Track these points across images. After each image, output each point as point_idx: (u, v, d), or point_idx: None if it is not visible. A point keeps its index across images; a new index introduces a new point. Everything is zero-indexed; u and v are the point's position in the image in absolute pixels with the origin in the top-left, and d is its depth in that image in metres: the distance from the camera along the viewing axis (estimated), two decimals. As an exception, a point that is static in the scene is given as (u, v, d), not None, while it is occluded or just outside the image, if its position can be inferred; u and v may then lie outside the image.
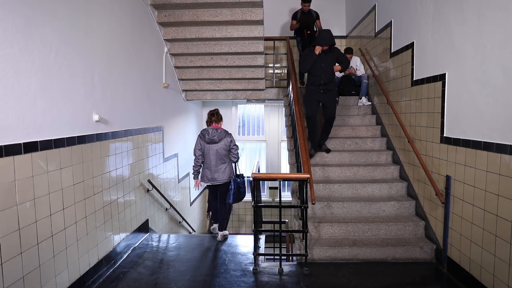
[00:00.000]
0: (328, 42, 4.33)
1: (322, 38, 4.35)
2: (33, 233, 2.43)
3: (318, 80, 4.47)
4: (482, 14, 2.74)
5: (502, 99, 2.53)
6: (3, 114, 2.17)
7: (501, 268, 2.56)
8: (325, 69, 4.43)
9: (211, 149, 4.09)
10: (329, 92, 4.51)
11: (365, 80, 5.71)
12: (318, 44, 4.35)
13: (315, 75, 4.48)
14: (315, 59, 4.42)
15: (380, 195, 4.22)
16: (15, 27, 2.25)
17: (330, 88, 4.51)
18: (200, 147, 4.14)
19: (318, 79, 4.46)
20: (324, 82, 4.46)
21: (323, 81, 4.45)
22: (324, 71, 4.44)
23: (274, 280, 3.19)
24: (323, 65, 4.42)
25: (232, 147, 4.17)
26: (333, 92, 4.57)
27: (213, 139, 4.06)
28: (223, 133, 4.11)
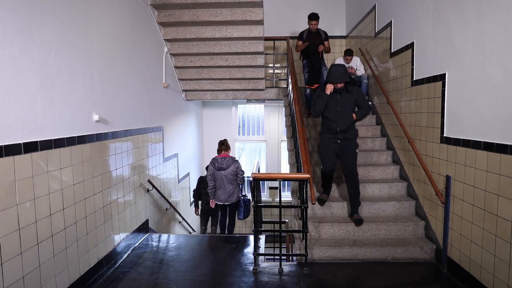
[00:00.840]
0: (340, 79, 3.59)
1: (332, 74, 3.60)
2: (33, 233, 2.43)
3: (333, 127, 3.67)
4: (482, 14, 2.74)
5: (502, 99, 2.53)
6: (3, 114, 2.17)
7: (501, 268, 2.56)
8: (341, 113, 3.64)
9: (221, 175, 4.80)
10: (348, 142, 3.68)
11: (365, 80, 5.71)
12: (329, 82, 3.64)
13: (330, 120, 3.69)
14: (326, 101, 3.66)
15: (380, 195, 4.22)
16: (15, 27, 2.25)
17: (348, 137, 3.66)
18: (212, 173, 4.84)
19: (334, 126, 3.66)
20: (341, 130, 3.64)
21: (340, 129, 3.64)
22: (340, 116, 3.64)
23: (274, 280, 3.19)
24: (339, 108, 3.65)
25: (238, 172, 4.88)
26: (353, 142, 3.71)
27: (221, 166, 4.78)
28: (231, 160, 4.83)
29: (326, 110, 3.70)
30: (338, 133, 3.66)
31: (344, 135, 3.66)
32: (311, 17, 5.35)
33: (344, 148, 3.69)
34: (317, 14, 5.40)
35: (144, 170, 4.42)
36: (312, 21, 5.36)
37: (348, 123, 3.64)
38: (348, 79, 3.64)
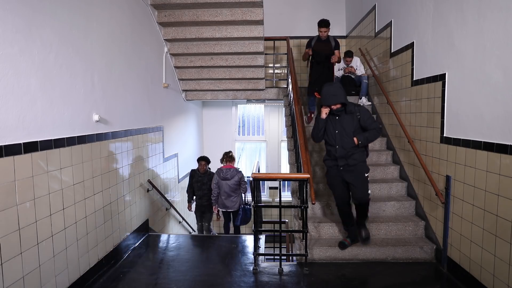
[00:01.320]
0: (333, 100, 3.17)
1: (323, 95, 3.23)
2: (33, 233, 2.43)
3: (332, 153, 3.36)
4: (482, 14, 2.74)
5: (502, 99, 2.53)
6: (3, 114, 2.17)
7: (501, 268, 2.56)
8: (340, 137, 3.27)
9: (225, 184, 5.13)
10: (352, 167, 3.30)
11: (365, 80, 5.71)
12: (323, 104, 3.26)
13: (330, 145, 3.38)
14: (323, 125, 3.33)
15: (380, 195, 4.22)
16: (15, 27, 2.25)
17: (351, 163, 3.28)
18: (216, 182, 5.18)
19: (333, 151, 3.34)
20: (340, 155, 3.28)
21: (338, 154, 3.29)
22: (338, 140, 3.28)
23: (274, 280, 3.19)
24: (337, 131, 3.29)
25: (241, 182, 5.22)
26: (358, 168, 3.30)
27: (226, 177, 5.13)
28: (234, 171, 5.17)
29: (326, 135, 3.39)
30: (338, 159, 3.32)
31: (345, 161, 3.29)
32: (321, 24, 4.98)
33: (349, 175, 3.33)
34: (327, 21, 5.00)
35: (144, 170, 4.42)
36: (322, 28, 4.97)
37: (348, 148, 3.26)
38: (344, 100, 3.18)
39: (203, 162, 5.38)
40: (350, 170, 3.31)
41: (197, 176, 5.42)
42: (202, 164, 5.38)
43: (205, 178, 5.40)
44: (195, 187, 5.45)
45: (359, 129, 3.29)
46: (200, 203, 5.45)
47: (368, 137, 3.26)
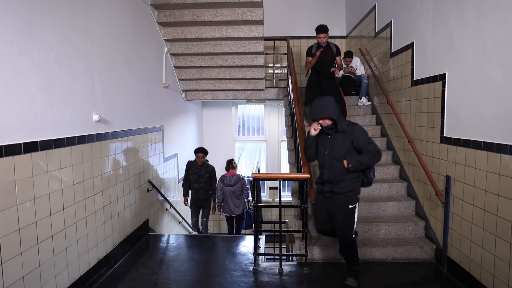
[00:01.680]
0: (318, 114, 2.80)
1: (312, 107, 2.91)
2: (33, 233, 2.43)
3: (321, 175, 2.98)
4: (482, 14, 2.74)
5: (502, 99, 2.53)
6: (3, 114, 2.17)
7: (501, 268, 2.56)
8: (328, 159, 2.87)
9: (228, 190, 5.52)
10: (337, 196, 2.85)
11: (365, 80, 5.71)
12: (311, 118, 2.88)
13: (320, 166, 3.00)
14: (312, 142, 2.95)
15: (380, 195, 4.22)
16: (15, 27, 2.25)
17: (336, 191, 2.84)
18: (221, 188, 5.52)
19: (321, 174, 2.97)
20: (328, 180, 2.87)
21: (325, 178, 2.89)
22: (327, 163, 2.88)
23: (274, 280, 3.19)
24: (327, 152, 2.90)
25: (244, 188, 5.61)
26: (345, 197, 2.83)
27: (229, 183, 5.49)
28: (237, 178, 5.56)
29: (317, 155, 3.01)
30: (324, 184, 2.92)
31: (331, 188, 2.86)
32: (319, 30, 4.70)
33: (332, 205, 2.91)
34: (325, 26, 4.74)
35: (144, 170, 4.42)
36: (321, 34, 4.71)
37: (337, 172, 2.82)
38: (332, 115, 2.77)
39: (200, 154, 5.15)
40: (334, 199, 2.88)
41: (194, 168, 5.21)
42: (200, 156, 5.14)
43: (203, 171, 5.20)
44: (191, 179, 5.25)
45: (353, 151, 2.83)
46: (197, 197, 5.27)
47: (361, 161, 2.76)
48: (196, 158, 5.19)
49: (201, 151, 5.19)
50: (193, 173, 5.21)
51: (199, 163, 5.17)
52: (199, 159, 5.15)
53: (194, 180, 5.21)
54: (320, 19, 7.68)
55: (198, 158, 5.15)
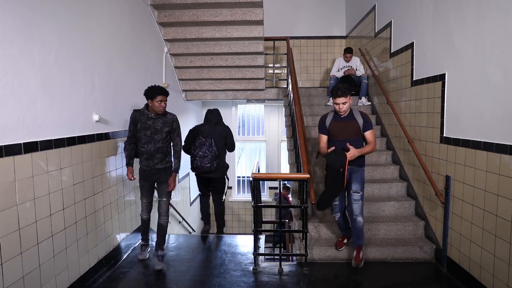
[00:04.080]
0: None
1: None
2: (33, 233, 2.43)
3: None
4: (481, 14, 2.74)
5: (501, 99, 2.54)
6: (3, 114, 2.17)
7: (501, 268, 2.57)
8: None
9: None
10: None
11: (365, 80, 5.72)
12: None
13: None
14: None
15: (380, 195, 4.23)
16: (15, 27, 2.25)
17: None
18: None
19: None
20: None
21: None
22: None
23: (274, 280, 3.19)
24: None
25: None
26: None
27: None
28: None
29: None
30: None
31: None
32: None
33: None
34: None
35: (144, 170, 4.41)
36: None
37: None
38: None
39: (160, 97, 3.28)
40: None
41: (145, 119, 3.35)
42: (160, 100, 3.29)
43: (159, 123, 3.38)
44: (140, 138, 3.38)
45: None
46: (150, 165, 3.40)
47: None
48: (152, 104, 3.28)
49: (162, 92, 3.30)
50: (144, 127, 3.33)
51: (158, 110, 3.30)
52: (158, 104, 3.27)
53: (146, 139, 3.34)
54: (320, 19, 7.72)
55: (158, 103, 3.27)
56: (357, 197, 3.18)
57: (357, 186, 3.20)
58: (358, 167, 3.25)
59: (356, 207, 3.17)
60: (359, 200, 3.18)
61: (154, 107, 3.30)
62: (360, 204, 3.18)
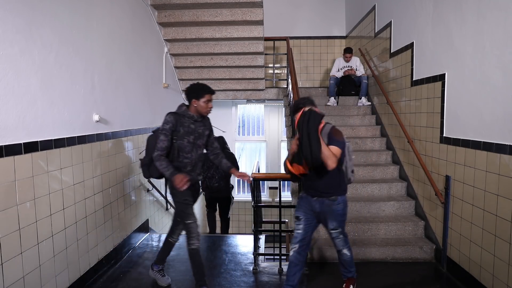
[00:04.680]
0: None
1: None
2: (33, 233, 2.44)
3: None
4: (481, 14, 2.74)
5: (501, 99, 2.54)
6: (4, 114, 2.17)
7: (501, 268, 2.57)
8: None
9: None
10: None
11: (364, 80, 5.72)
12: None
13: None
14: None
15: (380, 195, 4.23)
16: (15, 27, 2.26)
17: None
18: None
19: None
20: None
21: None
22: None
23: (274, 280, 3.20)
24: None
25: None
26: None
27: None
28: None
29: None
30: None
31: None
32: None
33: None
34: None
35: (144, 170, 4.42)
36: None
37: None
38: None
39: (208, 95, 2.81)
40: None
41: (188, 122, 2.77)
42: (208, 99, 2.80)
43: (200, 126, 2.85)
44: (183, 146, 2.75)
45: None
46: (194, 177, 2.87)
47: None
48: (198, 104, 2.78)
49: (210, 90, 2.86)
50: (187, 132, 2.76)
51: (204, 111, 2.81)
52: (205, 104, 2.78)
53: (190, 147, 2.78)
54: (320, 19, 7.72)
55: (205, 103, 2.78)
56: (336, 234, 2.70)
57: (333, 223, 2.65)
58: (329, 201, 2.58)
59: (338, 242, 2.72)
60: (340, 235, 2.71)
61: (199, 108, 2.79)
62: (342, 238, 2.72)
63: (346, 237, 2.77)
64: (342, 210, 2.65)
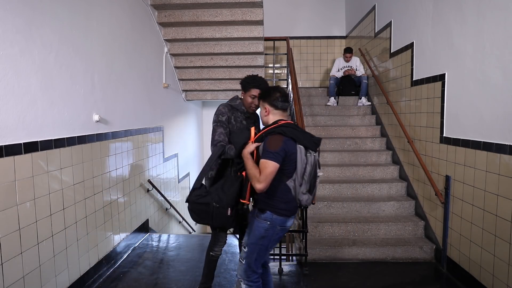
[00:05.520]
0: None
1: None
2: (34, 233, 2.44)
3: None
4: (481, 14, 2.74)
5: (501, 99, 2.54)
6: (4, 114, 2.17)
7: (501, 268, 2.57)
8: None
9: None
10: None
11: (364, 80, 5.72)
12: None
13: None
14: None
15: (380, 195, 4.23)
16: (16, 27, 2.26)
17: None
18: None
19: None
20: None
21: None
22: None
23: (274, 280, 3.19)
24: None
25: None
26: None
27: None
28: None
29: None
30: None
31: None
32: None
33: None
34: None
35: (144, 170, 4.42)
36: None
37: None
38: None
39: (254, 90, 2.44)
40: None
41: (241, 117, 2.56)
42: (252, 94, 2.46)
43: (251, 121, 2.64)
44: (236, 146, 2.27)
45: None
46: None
47: None
48: (244, 98, 2.53)
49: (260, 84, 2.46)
50: (240, 128, 2.54)
51: (247, 107, 2.53)
52: (251, 100, 2.48)
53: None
54: (320, 19, 7.72)
55: (250, 99, 2.47)
56: (242, 253, 2.17)
57: (246, 238, 2.16)
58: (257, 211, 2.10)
59: (238, 265, 2.20)
60: (243, 259, 2.15)
61: (244, 102, 2.52)
62: (242, 264, 2.14)
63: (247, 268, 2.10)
64: (258, 231, 2.04)
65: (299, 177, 2.02)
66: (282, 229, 2.08)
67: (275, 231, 2.05)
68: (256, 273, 2.13)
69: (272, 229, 2.04)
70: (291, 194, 2.04)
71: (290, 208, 2.06)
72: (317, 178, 2.09)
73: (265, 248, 2.09)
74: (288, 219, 2.07)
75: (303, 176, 2.02)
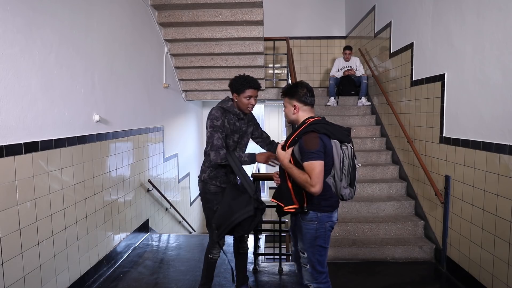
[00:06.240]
0: None
1: None
2: (34, 233, 2.44)
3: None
4: (481, 14, 2.75)
5: (501, 99, 2.54)
6: (4, 114, 2.18)
7: (500, 267, 2.57)
8: None
9: None
10: None
11: (364, 80, 5.73)
12: None
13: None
14: None
15: (380, 195, 4.23)
16: (16, 27, 2.26)
17: None
18: None
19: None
20: None
21: None
22: None
23: (274, 279, 3.20)
24: None
25: None
26: None
27: None
28: None
29: None
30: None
31: None
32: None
33: None
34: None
35: (144, 170, 4.43)
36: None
37: None
38: None
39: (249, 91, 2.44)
40: None
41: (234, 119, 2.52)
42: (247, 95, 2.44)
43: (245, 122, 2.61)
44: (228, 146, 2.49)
45: None
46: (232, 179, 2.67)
47: None
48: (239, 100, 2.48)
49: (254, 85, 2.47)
50: (233, 130, 2.51)
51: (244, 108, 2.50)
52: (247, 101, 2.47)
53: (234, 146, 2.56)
54: (320, 19, 7.72)
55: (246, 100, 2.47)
56: (303, 259, 2.19)
57: (300, 244, 2.19)
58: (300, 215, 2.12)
59: (303, 271, 2.23)
60: (306, 264, 2.17)
61: (240, 104, 2.48)
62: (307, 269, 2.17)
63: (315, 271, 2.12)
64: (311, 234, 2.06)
65: (338, 171, 2.03)
66: (330, 224, 2.09)
67: (325, 228, 2.07)
68: (322, 273, 2.16)
69: (322, 227, 2.06)
70: (332, 191, 2.06)
71: (332, 203, 2.08)
72: (356, 171, 2.10)
73: (322, 247, 2.11)
74: (333, 213, 2.09)
75: (342, 169, 2.03)
